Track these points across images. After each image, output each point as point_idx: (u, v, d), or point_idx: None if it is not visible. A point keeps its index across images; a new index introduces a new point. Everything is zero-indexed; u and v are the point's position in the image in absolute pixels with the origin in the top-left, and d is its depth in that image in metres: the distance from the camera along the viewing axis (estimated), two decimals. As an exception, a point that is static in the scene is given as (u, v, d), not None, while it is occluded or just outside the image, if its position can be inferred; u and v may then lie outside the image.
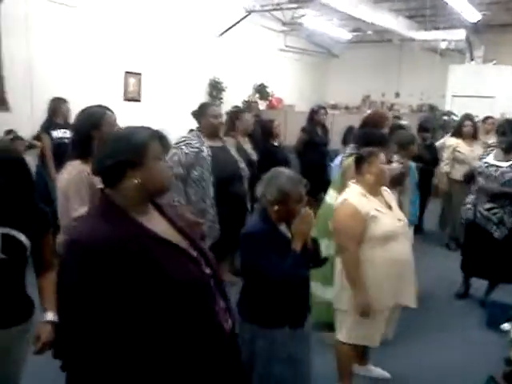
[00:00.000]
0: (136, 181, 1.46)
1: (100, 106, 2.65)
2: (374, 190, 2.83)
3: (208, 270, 1.59)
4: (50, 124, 5.68)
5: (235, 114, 4.94)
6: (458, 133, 5.87)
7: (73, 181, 2.42)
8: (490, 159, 4.32)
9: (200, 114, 3.65)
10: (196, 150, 3.49)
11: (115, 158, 1.45)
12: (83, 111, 2.65)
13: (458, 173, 5.54)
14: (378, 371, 3.32)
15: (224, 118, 3.72)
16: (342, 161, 3.76)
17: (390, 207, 2.87)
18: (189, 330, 1.47)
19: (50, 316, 1.95)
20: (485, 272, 4.41)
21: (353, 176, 2.99)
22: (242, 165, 3.73)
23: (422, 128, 6.35)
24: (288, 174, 2.37)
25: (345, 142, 5.70)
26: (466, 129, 5.76)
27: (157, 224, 1.54)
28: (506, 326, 2.57)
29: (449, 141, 5.98)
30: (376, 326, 2.83)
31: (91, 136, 2.50)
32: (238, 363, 1.72)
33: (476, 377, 2.63)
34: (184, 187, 3.48)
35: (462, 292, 4.69)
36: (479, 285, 4.58)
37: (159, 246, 1.47)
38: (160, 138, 1.55)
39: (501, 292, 4.26)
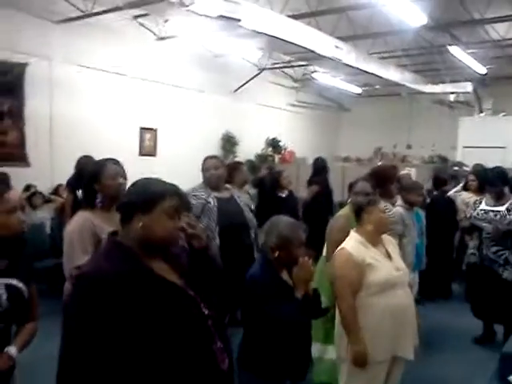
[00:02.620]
0: (139, 224, 1.53)
1: (105, 159, 2.71)
2: (373, 239, 2.84)
3: (206, 311, 1.62)
4: (76, 182, 5.78)
5: (233, 166, 5.11)
6: (465, 186, 5.97)
7: (77, 229, 2.47)
8: (484, 206, 4.43)
9: (202, 167, 3.78)
10: (203, 201, 3.58)
11: (129, 198, 1.59)
12: (90, 165, 2.76)
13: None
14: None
15: (221, 171, 3.76)
16: None
17: (389, 256, 2.86)
18: (186, 368, 1.51)
19: (12, 350, 1.99)
20: (497, 316, 4.41)
21: (340, 228, 3.08)
22: (250, 215, 3.77)
23: (440, 180, 6.13)
24: (287, 221, 2.45)
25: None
26: (470, 183, 5.86)
27: (159, 265, 1.59)
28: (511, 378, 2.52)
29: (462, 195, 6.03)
30: (373, 379, 2.74)
31: (93, 188, 2.58)
32: None
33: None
34: None
35: (481, 337, 4.65)
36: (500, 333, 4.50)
37: (159, 285, 1.53)
38: (180, 196, 1.61)
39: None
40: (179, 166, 8.82)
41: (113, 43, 8.15)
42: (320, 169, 6.61)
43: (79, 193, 5.64)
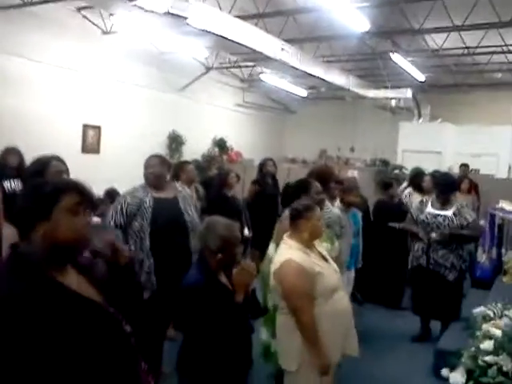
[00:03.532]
0: (40, 232, 1.35)
1: (48, 156, 2.63)
2: (308, 245, 2.79)
3: (128, 328, 1.48)
4: (0, 175, 5.55)
5: (179, 165, 5.09)
6: (420, 188, 6.04)
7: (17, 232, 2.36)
8: (431, 210, 4.60)
9: (144, 166, 3.75)
10: (138, 200, 3.55)
11: (21, 206, 1.40)
12: (32, 161, 2.66)
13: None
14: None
15: (159, 169, 3.72)
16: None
17: (325, 259, 2.86)
18: None
19: None
20: (438, 313, 4.61)
21: (286, 228, 2.95)
22: (190, 217, 3.68)
23: (385, 184, 6.02)
24: (223, 221, 2.43)
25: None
26: (426, 184, 5.90)
27: (74, 280, 1.41)
28: (444, 372, 2.65)
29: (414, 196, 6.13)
30: (324, 382, 2.73)
31: None
32: None
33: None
34: (125, 237, 3.52)
35: (419, 335, 4.81)
36: (436, 331, 4.69)
37: (73, 303, 1.35)
38: (80, 191, 1.43)
39: (450, 338, 4.37)
40: (123, 164, 8.64)
41: (56, 35, 7.86)
42: (259, 169, 6.65)
43: (6, 184, 5.43)
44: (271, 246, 3.49)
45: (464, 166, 8.53)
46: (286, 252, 2.75)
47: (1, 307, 1.24)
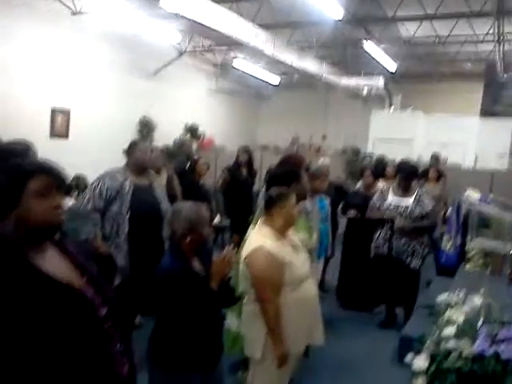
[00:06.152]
0: (12, 218, 1.36)
1: (20, 143, 2.55)
2: (282, 232, 2.75)
3: (104, 311, 1.48)
4: None
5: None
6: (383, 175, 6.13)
7: None
8: (393, 197, 4.69)
9: (130, 151, 3.69)
10: (118, 184, 3.53)
11: None
12: (1, 148, 2.56)
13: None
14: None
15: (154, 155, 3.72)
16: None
17: (296, 248, 2.83)
18: (81, 376, 1.38)
19: None
20: (401, 299, 4.72)
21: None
22: (165, 206, 3.67)
23: (360, 170, 5.85)
24: (189, 204, 2.45)
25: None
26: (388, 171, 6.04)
27: (53, 262, 1.43)
28: (408, 358, 2.69)
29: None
30: (287, 371, 2.77)
31: None
32: None
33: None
34: (102, 220, 3.52)
35: (384, 321, 4.91)
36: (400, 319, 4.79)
37: (48, 287, 1.37)
38: (48, 172, 1.42)
39: (415, 325, 4.46)
40: (93, 149, 8.48)
41: (25, 16, 7.59)
42: (235, 158, 6.63)
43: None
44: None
45: (434, 158, 8.59)
46: (258, 239, 2.71)
47: None
